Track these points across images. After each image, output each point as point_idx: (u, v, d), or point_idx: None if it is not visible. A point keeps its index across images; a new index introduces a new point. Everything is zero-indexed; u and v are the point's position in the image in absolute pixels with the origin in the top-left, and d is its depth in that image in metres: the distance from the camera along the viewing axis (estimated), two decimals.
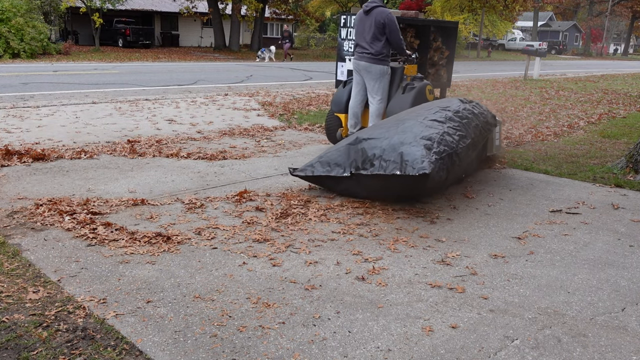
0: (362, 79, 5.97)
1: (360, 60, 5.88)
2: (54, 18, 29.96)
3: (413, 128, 4.23)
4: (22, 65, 17.23)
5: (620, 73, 25.13)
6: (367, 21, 5.74)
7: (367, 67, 5.80)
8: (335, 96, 6.39)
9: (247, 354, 2.33)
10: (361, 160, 4.14)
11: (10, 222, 3.71)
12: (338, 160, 4.29)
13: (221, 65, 21.14)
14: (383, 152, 4.05)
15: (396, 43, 5.83)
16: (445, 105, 4.79)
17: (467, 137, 4.49)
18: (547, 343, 2.49)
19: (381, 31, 5.65)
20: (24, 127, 7.03)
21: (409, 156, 3.91)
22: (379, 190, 4.27)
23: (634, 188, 5.17)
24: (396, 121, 4.52)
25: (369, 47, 5.73)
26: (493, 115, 5.44)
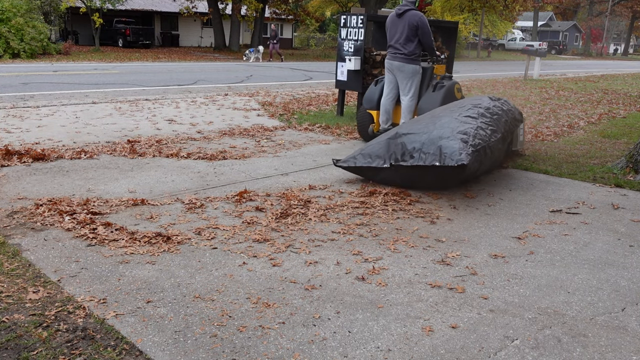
0: (395, 78, 6.34)
1: (394, 60, 6.23)
2: (54, 18, 29.97)
3: (449, 124, 4.58)
4: (22, 65, 17.24)
5: (620, 73, 25.13)
6: (399, 23, 6.11)
7: (400, 67, 6.19)
8: (367, 94, 6.76)
9: (247, 354, 2.33)
10: (400, 152, 4.53)
11: (10, 222, 3.71)
12: (379, 152, 4.67)
13: (221, 65, 21.14)
14: (422, 145, 4.44)
15: (428, 44, 6.18)
16: (477, 103, 5.14)
17: (497, 131, 4.85)
18: (547, 343, 2.49)
19: (414, 33, 6.03)
20: (24, 127, 7.03)
21: (448, 149, 4.29)
22: (415, 179, 4.64)
23: (634, 188, 5.17)
24: (432, 117, 4.86)
25: (402, 48, 6.11)
26: (520, 112, 5.86)
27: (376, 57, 8.40)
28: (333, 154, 6.21)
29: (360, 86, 8.27)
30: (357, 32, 8.05)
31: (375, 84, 6.79)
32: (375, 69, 8.44)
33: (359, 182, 5.02)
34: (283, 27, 44.49)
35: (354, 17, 8.07)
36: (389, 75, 6.40)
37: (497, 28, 38.70)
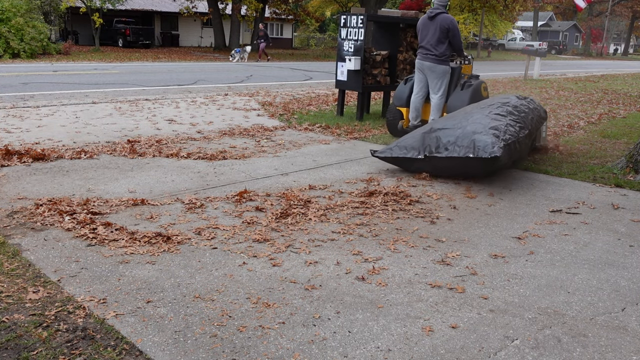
0: (425, 77, 6.76)
1: (425, 60, 6.63)
2: (54, 18, 29.98)
3: (481, 120, 5.01)
4: (22, 65, 17.24)
5: (620, 73, 25.13)
6: (431, 26, 6.48)
7: (432, 67, 6.58)
8: (397, 92, 7.23)
9: (247, 354, 2.33)
10: (435, 145, 4.96)
11: (10, 222, 3.71)
12: (414, 145, 5.12)
13: (221, 65, 21.15)
14: (457, 139, 4.86)
15: (457, 46, 6.60)
16: (505, 101, 5.56)
17: (525, 128, 5.26)
18: (547, 343, 2.49)
19: (445, 35, 6.42)
20: (24, 127, 7.03)
21: (481, 143, 4.71)
22: (447, 169, 5.10)
23: (634, 188, 5.17)
24: (465, 114, 5.25)
25: (434, 49, 6.49)
26: (544, 111, 6.26)
27: (376, 57, 8.40)
28: (333, 154, 6.21)
29: (360, 86, 8.27)
30: (357, 32, 8.05)
31: (405, 83, 7.21)
32: (375, 69, 8.45)
33: (359, 182, 5.02)
34: (283, 27, 44.53)
35: (354, 17, 8.07)
36: (419, 75, 6.79)
37: (497, 28, 38.70)
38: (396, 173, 5.41)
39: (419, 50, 6.75)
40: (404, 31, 8.91)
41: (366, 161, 5.91)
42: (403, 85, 7.24)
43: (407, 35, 8.95)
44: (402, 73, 8.98)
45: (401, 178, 5.23)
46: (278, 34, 44.50)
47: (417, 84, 6.86)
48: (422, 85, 6.81)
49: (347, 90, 9.29)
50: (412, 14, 9.25)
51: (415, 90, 6.89)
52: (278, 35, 44.45)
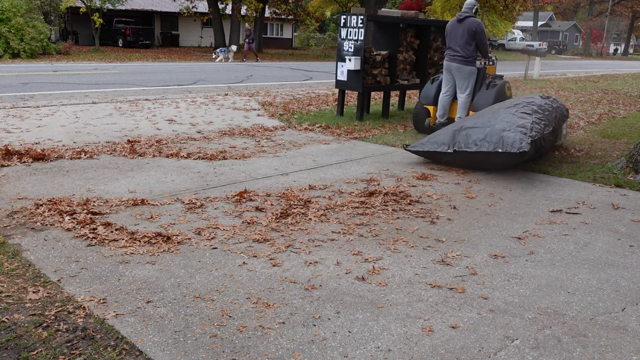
0: (452, 77, 7.11)
1: (452, 61, 6.99)
2: (54, 18, 29.98)
3: (509, 118, 5.41)
4: (22, 65, 17.24)
5: (620, 73, 25.13)
6: (459, 28, 6.84)
7: (459, 68, 6.95)
8: (424, 91, 7.58)
9: (247, 354, 2.33)
10: (464, 141, 5.39)
11: (10, 222, 3.71)
12: (444, 140, 5.56)
13: (221, 65, 21.15)
14: (486, 136, 5.28)
15: (483, 48, 6.99)
16: (530, 101, 5.97)
17: (549, 125, 5.66)
18: (547, 343, 2.49)
19: (472, 37, 6.78)
20: (24, 127, 7.03)
21: (510, 139, 5.13)
22: (474, 163, 5.52)
23: (634, 188, 5.17)
24: (492, 113, 5.64)
25: (461, 50, 6.86)
26: (566, 109, 6.65)
27: (376, 57, 8.40)
28: (333, 154, 6.21)
29: (360, 86, 8.27)
30: (357, 32, 8.05)
31: (432, 82, 7.58)
32: (375, 69, 8.45)
33: (359, 182, 5.03)
34: (283, 27, 44.53)
35: (354, 17, 8.07)
36: (447, 75, 7.15)
37: (497, 28, 38.65)
38: (396, 173, 5.42)
39: (446, 51, 7.10)
40: (404, 31, 8.91)
41: (366, 161, 5.91)
42: (430, 84, 7.58)
43: (407, 35, 8.96)
44: (402, 73, 8.98)
45: (401, 178, 5.23)
46: (278, 34, 44.50)
47: (444, 83, 7.22)
48: (450, 85, 7.16)
49: (347, 90, 9.29)
50: (412, 14, 9.26)
51: (443, 90, 7.24)
52: (278, 35, 44.44)
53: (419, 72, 9.29)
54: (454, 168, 5.67)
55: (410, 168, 5.65)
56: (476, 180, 5.26)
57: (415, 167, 5.71)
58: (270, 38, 42.68)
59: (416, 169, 5.62)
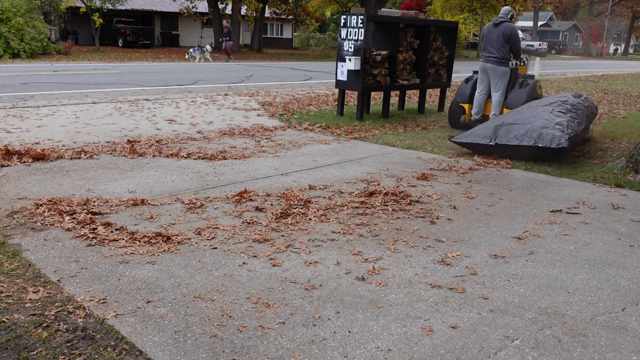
0: (487, 77, 7.68)
1: (487, 62, 7.58)
2: (54, 18, 29.97)
3: (547, 117, 6.02)
4: (22, 65, 17.24)
5: (620, 73, 25.12)
6: (495, 32, 7.44)
7: (494, 69, 7.51)
8: (460, 89, 8.18)
9: (247, 354, 2.33)
10: (505, 135, 6.02)
11: (10, 222, 3.71)
12: (486, 134, 6.18)
13: (221, 65, 21.14)
14: (527, 132, 5.89)
15: (516, 50, 7.53)
16: (564, 100, 6.61)
17: (582, 123, 6.29)
18: (547, 343, 2.49)
19: (507, 40, 7.36)
20: (24, 127, 7.03)
21: (549, 136, 5.76)
22: (513, 154, 6.07)
23: (634, 188, 5.17)
24: (530, 111, 6.24)
25: (496, 52, 7.45)
26: (595, 107, 7.33)
27: (376, 57, 8.40)
28: (333, 154, 6.21)
29: (360, 86, 8.27)
30: (357, 32, 8.05)
31: (467, 82, 8.18)
32: (375, 69, 8.45)
33: (359, 182, 5.03)
34: (283, 27, 44.53)
35: (354, 17, 8.07)
36: (482, 75, 7.72)
37: None
38: (396, 173, 5.42)
39: (482, 53, 7.70)
40: (404, 31, 8.91)
41: (366, 161, 5.91)
42: (465, 84, 8.16)
43: (407, 35, 8.96)
44: (402, 73, 8.98)
45: (401, 178, 5.23)
46: (278, 34, 44.50)
47: (480, 83, 7.77)
48: (485, 84, 7.72)
49: (347, 90, 9.29)
50: (412, 14, 9.26)
51: (478, 89, 7.79)
52: (278, 35, 44.45)
53: (419, 72, 9.29)
54: (454, 168, 5.68)
55: (410, 168, 5.65)
56: (476, 180, 5.26)
57: (415, 167, 5.71)
58: (270, 38, 42.69)
59: (416, 169, 5.62)
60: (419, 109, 9.81)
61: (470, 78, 8.21)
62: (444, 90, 10.25)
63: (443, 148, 6.73)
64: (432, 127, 8.36)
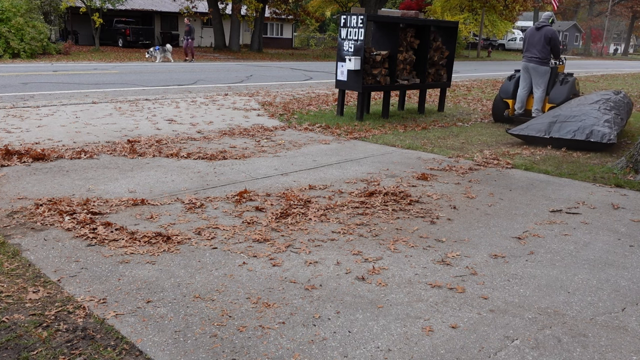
0: (529, 76, 8.48)
1: (530, 62, 8.39)
2: (54, 18, 29.97)
3: (595, 114, 6.85)
4: (22, 65, 17.24)
5: (620, 73, 25.12)
6: (537, 35, 8.30)
7: (536, 68, 8.35)
8: (504, 86, 8.96)
9: (247, 354, 2.33)
10: (558, 130, 6.84)
11: (10, 222, 3.71)
12: (541, 128, 6.97)
13: (221, 65, 21.14)
14: (579, 128, 6.72)
15: (556, 52, 8.36)
16: (607, 97, 7.38)
17: (624, 119, 7.21)
18: (547, 343, 2.49)
19: (548, 43, 8.22)
20: (24, 127, 7.03)
21: (600, 133, 6.58)
22: (566, 147, 6.90)
23: (634, 188, 5.17)
24: (579, 107, 7.04)
25: (538, 53, 8.28)
26: (632, 103, 8.34)
27: (376, 57, 8.40)
28: (333, 154, 6.21)
29: (360, 86, 8.27)
30: (357, 32, 8.05)
31: (510, 79, 8.94)
32: (375, 69, 8.45)
33: (359, 182, 5.03)
34: (283, 27, 44.53)
35: (354, 17, 8.07)
36: (524, 74, 8.53)
37: (497, 28, 38.67)
38: (396, 173, 5.42)
39: (524, 53, 8.47)
40: (404, 31, 8.91)
41: (366, 161, 5.91)
42: (508, 81, 8.94)
43: (407, 35, 8.96)
44: (402, 73, 8.98)
45: (401, 178, 5.23)
46: (278, 34, 44.50)
47: (522, 81, 8.56)
48: (527, 82, 8.52)
49: (347, 90, 9.29)
50: (412, 14, 9.26)
51: (521, 86, 8.56)
52: (278, 35, 44.44)
53: (419, 72, 9.29)
54: (454, 168, 5.68)
55: (410, 168, 5.65)
56: (476, 180, 5.26)
57: (415, 167, 5.72)
58: (270, 38, 42.68)
59: (416, 169, 5.62)
60: (419, 109, 9.82)
61: (512, 76, 8.93)
62: (444, 90, 10.25)
63: (443, 148, 6.73)
64: (432, 127, 8.37)
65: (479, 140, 7.36)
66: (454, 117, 9.55)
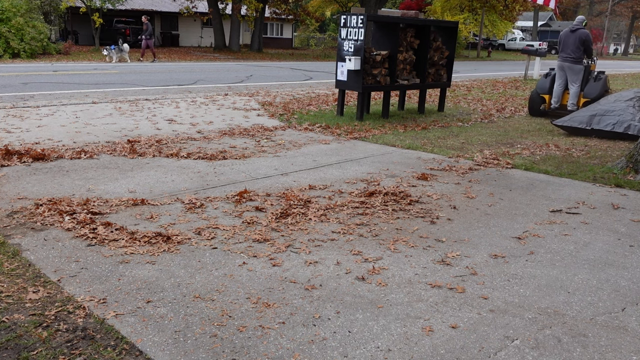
0: (564, 73, 9.45)
1: (565, 62, 9.33)
2: (54, 18, 29.98)
3: (631, 110, 7.68)
4: (22, 65, 17.23)
5: (620, 73, 25.12)
6: (571, 37, 9.17)
7: (571, 67, 9.29)
8: (540, 83, 10.01)
9: (247, 354, 2.33)
10: (598, 123, 7.70)
11: (10, 222, 3.71)
12: (582, 120, 7.83)
13: (221, 65, 21.14)
14: (617, 122, 7.60)
15: (589, 52, 9.20)
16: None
17: None
18: (547, 343, 2.49)
19: (582, 44, 9.11)
20: (24, 127, 7.03)
21: (637, 127, 7.44)
22: (604, 137, 7.72)
23: (634, 188, 5.17)
24: (616, 104, 7.82)
25: (573, 53, 9.18)
26: None
27: (376, 57, 8.40)
28: (333, 154, 6.21)
29: (360, 86, 8.27)
30: (357, 32, 8.05)
31: (546, 77, 9.99)
32: (375, 69, 8.44)
33: (359, 182, 5.03)
34: (283, 27, 44.53)
35: (354, 17, 8.07)
36: (560, 72, 9.50)
37: (497, 28, 38.65)
38: (396, 173, 5.42)
39: (560, 54, 9.39)
40: (404, 31, 8.90)
41: (366, 161, 5.91)
42: (544, 78, 9.98)
43: (407, 35, 8.95)
44: (402, 73, 8.98)
45: (401, 178, 5.23)
46: (278, 34, 44.49)
47: (558, 78, 9.56)
48: (563, 79, 9.50)
49: (347, 90, 9.28)
50: (412, 14, 9.25)
51: (557, 83, 9.58)
52: (278, 35, 44.44)
53: (419, 72, 9.29)
54: (454, 168, 5.68)
55: (410, 168, 5.65)
56: (476, 180, 5.26)
57: (415, 167, 5.72)
58: (270, 38, 42.68)
59: (416, 169, 5.62)
60: (419, 109, 9.81)
61: (548, 74, 9.96)
62: (444, 90, 10.25)
63: (443, 148, 6.73)
64: (432, 127, 8.36)
65: (479, 140, 7.36)
66: (454, 117, 9.55)
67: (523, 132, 8.20)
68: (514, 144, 7.18)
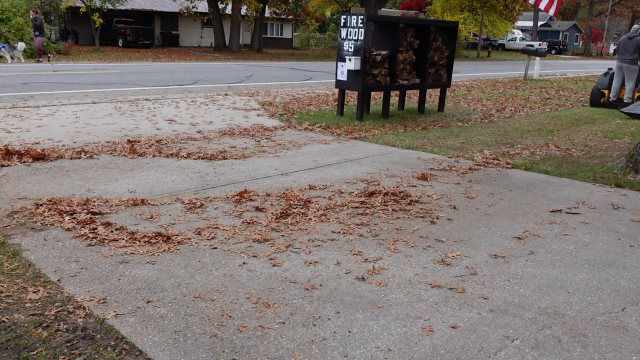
0: (622, 72, 11.19)
1: (623, 63, 11.10)
2: (54, 18, 29.98)
3: None
4: (22, 65, 17.23)
5: None
6: (629, 43, 10.98)
7: (628, 67, 11.03)
8: (601, 80, 11.81)
9: (247, 354, 2.33)
10: None
11: (10, 222, 3.71)
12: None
13: (221, 65, 21.14)
14: None
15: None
16: None
17: None
18: (547, 343, 2.49)
19: (638, 48, 10.87)
20: (24, 127, 7.03)
21: None
22: None
23: (634, 188, 5.17)
24: None
25: (630, 56, 10.95)
26: None
27: (376, 57, 8.40)
28: (333, 154, 6.21)
29: (360, 86, 8.27)
30: (357, 32, 8.05)
31: (605, 75, 11.76)
32: (375, 69, 8.44)
33: (359, 182, 5.03)
34: (283, 27, 44.53)
35: (354, 17, 8.07)
36: (618, 71, 11.24)
37: (497, 28, 38.66)
38: (396, 173, 5.42)
39: (619, 56, 11.18)
40: (404, 31, 8.90)
41: (366, 161, 5.91)
42: (604, 77, 11.77)
43: (407, 35, 8.95)
44: (402, 73, 8.98)
45: (401, 178, 5.23)
46: (278, 34, 44.50)
47: (616, 76, 11.31)
48: (620, 77, 11.28)
49: (347, 90, 9.28)
50: (412, 14, 9.25)
51: (615, 80, 11.34)
52: (278, 35, 44.44)
53: (419, 72, 9.29)
54: (454, 168, 5.68)
55: (410, 168, 5.65)
56: (476, 180, 5.26)
57: (415, 167, 5.72)
58: (270, 38, 42.68)
59: (416, 169, 5.62)
60: (419, 109, 9.81)
61: (607, 72, 11.69)
62: (444, 90, 10.25)
63: (443, 148, 6.73)
64: (432, 127, 8.36)
65: (479, 140, 7.36)
66: (454, 117, 9.55)
67: (523, 132, 8.20)
68: (514, 144, 7.18)
